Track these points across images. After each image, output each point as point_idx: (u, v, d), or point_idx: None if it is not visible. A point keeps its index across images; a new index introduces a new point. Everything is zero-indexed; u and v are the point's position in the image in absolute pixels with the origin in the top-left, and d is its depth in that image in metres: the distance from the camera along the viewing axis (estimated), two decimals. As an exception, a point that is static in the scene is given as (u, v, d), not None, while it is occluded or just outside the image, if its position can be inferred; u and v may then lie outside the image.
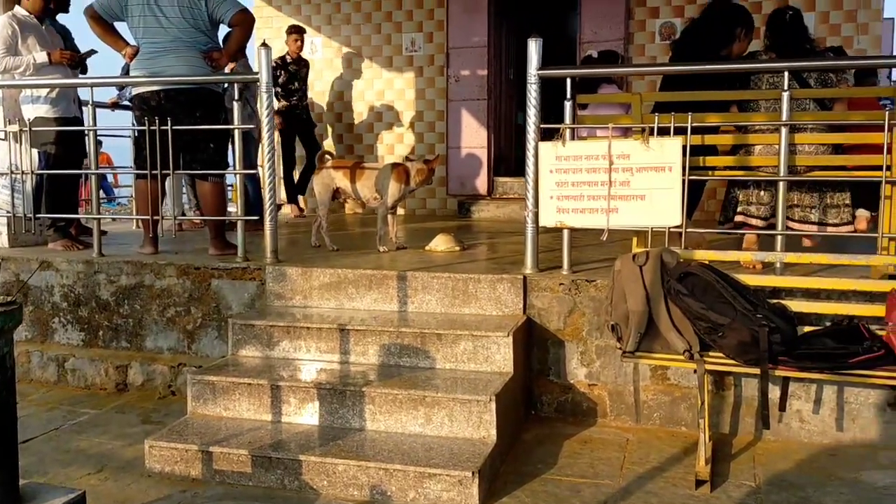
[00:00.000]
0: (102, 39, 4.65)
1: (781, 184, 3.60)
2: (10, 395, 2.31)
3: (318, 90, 8.72)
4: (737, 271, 3.48)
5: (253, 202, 5.71)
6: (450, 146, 8.30)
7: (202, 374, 3.56)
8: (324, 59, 8.68)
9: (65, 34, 5.50)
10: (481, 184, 8.26)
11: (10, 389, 2.31)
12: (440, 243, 4.95)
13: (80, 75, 5.30)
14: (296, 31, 7.80)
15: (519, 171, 8.43)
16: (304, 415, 3.39)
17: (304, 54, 8.32)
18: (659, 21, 7.58)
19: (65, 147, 4.98)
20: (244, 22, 4.55)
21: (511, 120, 9.07)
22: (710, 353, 3.12)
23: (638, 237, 3.93)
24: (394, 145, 8.55)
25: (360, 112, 8.66)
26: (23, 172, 4.62)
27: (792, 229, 3.90)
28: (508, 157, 8.91)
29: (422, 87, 8.43)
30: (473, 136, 8.23)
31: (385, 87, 8.56)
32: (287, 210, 7.96)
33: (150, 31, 4.49)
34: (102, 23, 4.56)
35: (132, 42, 4.62)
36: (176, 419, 3.63)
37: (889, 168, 3.44)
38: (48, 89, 4.91)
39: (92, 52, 5.26)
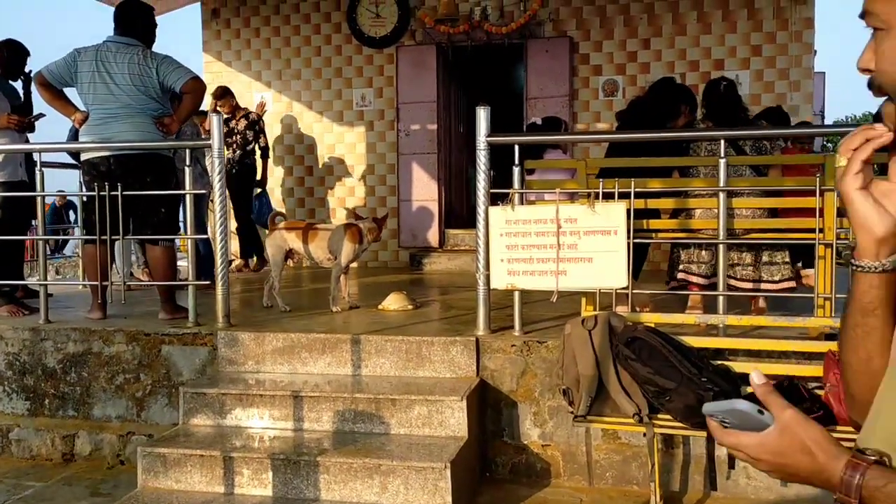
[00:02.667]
0: (51, 105, 4.63)
1: (721, 246, 3.75)
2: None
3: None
4: (682, 330, 3.59)
5: (204, 261, 5.67)
6: (401, 199, 8.39)
7: (153, 446, 3.51)
8: (274, 113, 8.72)
9: (16, 94, 5.48)
10: (433, 236, 8.34)
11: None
12: (393, 302, 4.99)
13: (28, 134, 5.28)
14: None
15: (470, 222, 8.51)
16: (258, 486, 3.36)
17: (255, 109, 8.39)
18: (602, 78, 7.85)
19: (11, 211, 4.91)
20: (195, 90, 4.58)
21: (462, 173, 9.21)
22: (659, 416, 3.20)
23: (586, 297, 4.03)
24: (345, 198, 8.60)
25: (310, 166, 8.70)
26: (-34, 238, 4.54)
27: (734, 288, 4.05)
28: (459, 210, 9.03)
29: (372, 140, 8.53)
30: (424, 190, 8.33)
31: (336, 141, 8.63)
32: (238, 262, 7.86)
33: (100, 98, 4.48)
34: (52, 89, 4.54)
35: (82, 107, 4.60)
36: (125, 491, 3.56)
37: (821, 230, 3.62)
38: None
39: (40, 115, 5.22)
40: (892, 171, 1.03)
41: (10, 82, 5.55)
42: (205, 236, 5.30)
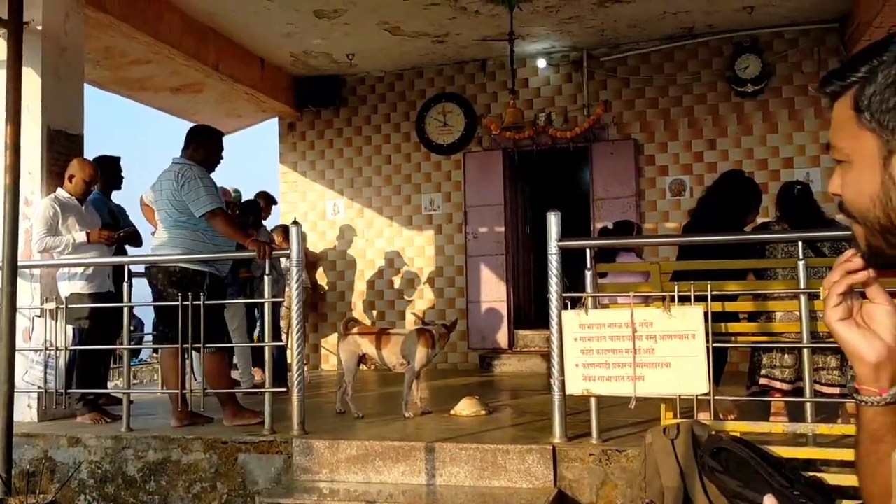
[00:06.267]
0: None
1: (806, 350, 3.63)
2: None
3: (341, 249, 8.99)
4: (767, 439, 3.44)
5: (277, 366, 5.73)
6: (470, 300, 8.43)
7: (229, 559, 3.49)
8: (346, 219, 8.99)
9: (119, 212, 5.82)
10: (502, 337, 8.31)
11: None
12: (465, 407, 4.94)
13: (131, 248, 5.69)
14: None
15: (539, 322, 8.54)
16: None
17: (328, 216, 8.68)
18: (669, 178, 7.88)
19: (98, 322, 5.11)
20: (214, 223, 4.70)
21: (529, 273, 9.24)
22: (750, 532, 3.04)
23: (666, 403, 3.92)
24: (415, 301, 8.69)
25: (380, 269, 8.86)
26: (56, 349, 4.72)
27: (820, 393, 3.89)
28: (528, 310, 9.01)
29: (441, 243, 8.67)
30: (493, 291, 8.37)
31: (405, 245, 8.80)
32: None
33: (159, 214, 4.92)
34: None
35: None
36: None
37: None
38: (84, 266, 5.10)
39: (129, 230, 5.51)
40: (871, 291, 1.06)
41: (113, 197, 5.90)
42: (280, 343, 5.37)
